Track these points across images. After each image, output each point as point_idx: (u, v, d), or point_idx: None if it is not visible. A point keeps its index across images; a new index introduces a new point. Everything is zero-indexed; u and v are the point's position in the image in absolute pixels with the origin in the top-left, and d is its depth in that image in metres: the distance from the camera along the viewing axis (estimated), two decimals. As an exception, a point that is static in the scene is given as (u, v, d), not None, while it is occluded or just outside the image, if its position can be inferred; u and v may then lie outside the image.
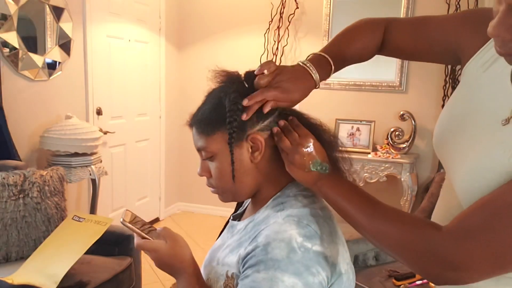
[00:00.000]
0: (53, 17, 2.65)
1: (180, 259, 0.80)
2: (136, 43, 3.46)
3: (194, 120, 0.84)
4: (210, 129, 0.80)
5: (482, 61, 0.77)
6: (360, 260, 2.14)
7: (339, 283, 0.75)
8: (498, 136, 0.69)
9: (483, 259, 0.62)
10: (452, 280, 0.65)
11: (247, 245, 0.76)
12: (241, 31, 3.82)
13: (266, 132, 0.81)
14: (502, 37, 0.60)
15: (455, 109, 0.81)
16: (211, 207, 4.05)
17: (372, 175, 3.23)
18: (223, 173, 0.81)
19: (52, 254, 1.79)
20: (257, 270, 0.70)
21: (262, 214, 0.81)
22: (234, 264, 0.78)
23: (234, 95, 0.78)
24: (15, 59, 2.42)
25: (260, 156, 0.80)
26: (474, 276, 0.64)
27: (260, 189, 0.84)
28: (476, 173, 0.69)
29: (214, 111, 0.81)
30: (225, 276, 0.79)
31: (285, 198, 0.81)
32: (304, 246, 0.71)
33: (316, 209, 0.78)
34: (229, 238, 0.87)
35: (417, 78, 3.39)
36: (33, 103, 2.59)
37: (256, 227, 0.79)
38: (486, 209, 0.64)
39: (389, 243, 0.70)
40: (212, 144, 0.81)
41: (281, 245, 0.70)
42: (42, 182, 2.03)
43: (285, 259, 0.69)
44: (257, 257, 0.71)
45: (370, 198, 0.74)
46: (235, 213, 0.96)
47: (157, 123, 3.85)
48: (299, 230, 0.72)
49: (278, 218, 0.76)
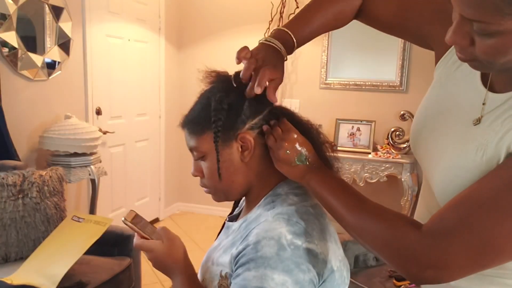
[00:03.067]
0: (53, 16, 2.65)
1: (174, 259, 0.81)
2: (135, 42, 3.45)
3: (185, 121, 0.85)
4: (200, 129, 0.81)
5: (454, 59, 0.78)
6: (360, 261, 2.13)
7: (331, 280, 0.75)
8: (471, 135, 0.70)
9: (462, 256, 0.62)
10: (431, 279, 0.65)
11: (239, 245, 0.76)
12: (241, 31, 3.82)
13: (256, 130, 0.81)
14: (459, 44, 0.62)
15: (428, 109, 0.82)
16: (211, 207, 4.04)
17: (372, 175, 3.22)
18: (213, 172, 0.82)
19: (52, 254, 1.79)
20: (248, 269, 0.71)
21: (254, 214, 0.81)
22: (227, 264, 0.78)
23: (220, 95, 0.79)
24: (14, 59, 2.41)
25: (250, 155, 0.81)
26: (454, 274, 0.64)
27: (252, 188, 0.85)
28: (451, 172, 0.70)
29: (202, 112, 0.82)
30: (219, 275, 0.80)
31: (276, 197, 0.81)
32: (294, 244, 0.71)
33: (307, 206, 0.79)
34: (224, 239, 0.88)
35: (417, 77, 3.38)
36: (33, 103, 2.58)
37: (248, 226, 0.79)
38: (462, 206, 0.64)
39: (370, 239, 0.70)
40: (202, 144, 0.81)
41: (270, 242, 0.71)
42: (41, 182, 2.02)
43: (275, 256, 0.70)
44: (247, 256, 0.72)
45: (356, 194, 0.74)
46: (231, 214, 0.97)
47: (157, 123, 3.84)
48: (289, 227, 0.73)
49: (268, 217, 0.76)
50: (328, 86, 3.61)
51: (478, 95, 0.72)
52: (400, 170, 3.18)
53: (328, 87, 3.60)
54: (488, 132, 0.67)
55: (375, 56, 3.50)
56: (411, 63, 3.38)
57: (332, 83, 3.60)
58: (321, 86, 3.64)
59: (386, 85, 3.45)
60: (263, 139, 0.82)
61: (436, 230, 0.64)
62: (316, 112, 3.49)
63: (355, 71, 3.55)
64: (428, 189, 0.80)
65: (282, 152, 0.79)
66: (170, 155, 4.03)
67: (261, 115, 0.81)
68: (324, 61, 3.59)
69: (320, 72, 3.62)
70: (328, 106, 3.57)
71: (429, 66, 0.91)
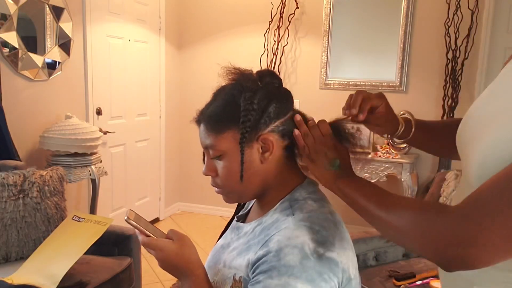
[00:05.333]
0: (53, 17, 2.65)
1: (187, 260, 0.78)
2: (136, 43, 3.46)
3: (203, 117, 0.81)
4: (221, 127, 0.78)
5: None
6: (360, 260, 2.14)
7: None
8: None
9: (496, 234, 0.56)
10: (463, 260, 0.59)
11: (258, 250, 0.75)
12: (241, 31, 3.82)
13: (277, 133, 0.79)
14: None
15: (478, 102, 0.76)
16: (211, 207, 4.05)
17: (372, 175, 3.23)
18: (231, 173, 0.79)
19: (52, 254, 1.79)
20: (270, 276, 0.69)
21: (271, 218, 0.79)
22: (242, 268, 0.77)
23: (249, 94, 0.77)
24: (14, 59, 2.42)
25: (270, 157, 0.79)
26: (487, 254, 0.57)
27: (268, 191, 0.83)
28: (496, 145, 0.63)
29: (226, 109, 0.78)
30: (232, 279, 0.78)
31: (294, 202, 0.79)
32: (317, 252, 0.70)
33: (326, 213, 0.77)
34: (235, 240, 0.85)
35: (417, 78, 3.39)
36: (33, 103, 2.59)
37: (266, 231, 0.77)
38: (498, 183, 0.58)
39: (403, 229, 0.66)
40: (221, 142, 0.78)
41: (294, 251, 0.70)
42: (42, 182, 2.03)
43: (298, 265, 0.69)
44: (269, 263, 0.70)
45: (384, 191, 0.73)
46: (237, 213, 0.95)
47: (157, 123, 3.85)
48: (311, 235, 0.72)
49: (289, 223, 0.74)
50: (328, 86, 3.61)
51: None
52: (400, 170, 3.19)
53: (328, 87, 3.61)
54: None
55: (375, 57, 3.50)
56: (410, 64, 3.38)
57: (332, 83, 3.60)
58: (321, 86, 3.64)
59: (386, 85, 3.46)
60: (284, 142, 0.80)
61: (468, 206, 0.59)
62: (316, 112, 3.48)
63: (355, 71, 3.56)
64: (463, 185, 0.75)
65: (319, 156, 0.77)
66: (170, 155, 4.03)
67: (284, 118, 0.80)
68: (324, 61, 3.60)
69: (320, 72, 3.63)
70: (328, 106, 3.57)
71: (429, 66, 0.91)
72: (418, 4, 3.32)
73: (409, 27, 3.34)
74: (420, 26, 3.34)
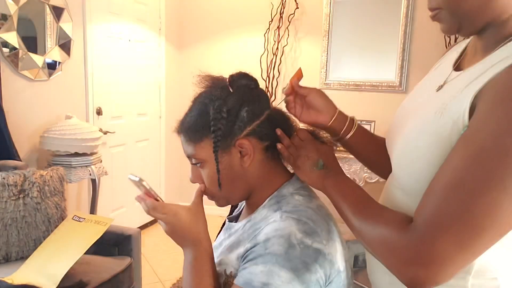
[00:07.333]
0: (53, 17, 2.65)
1: (199, 230, 0.79)
2: (136, 43, 3.46)
3: (181, 128, 0.83)
4: (198, 136, 0.80)
5: (436, 65, 0.84)
6: (360, 260, 2.14)
7: (337, 281, 0.74)
8: (432, 100, 0.71)
9: (450, 248, 0.57)
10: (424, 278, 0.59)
11: (247, 243, 0.76)
12: (241, 31, 3.82)
13: (254, 136, 0.80)
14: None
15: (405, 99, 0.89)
16: (211, 207, 4.03)
17: (372, 175, 3.22)
18: (213, 180, 0.81)
19: (52, 254, 1.79)
20: (255, 263, 0.71)
21: (260, 214, 0.81)
22: (233, 263, 0.78)
23: (218, 103, 0.78)
24: (15, 59, 2.42)
25: (250, 160, 0.80)
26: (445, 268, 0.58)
27: (254, 191, 0.84)
28: (411, 136, 0.70)
29: (199, 119, 0.80)
30: (224, 274, 0.79)
31: (281, 197, 0.81)
32: (304, 243, 0.71)
33: (313, 207, 0.78)
34: (227, 239, 0.87)
35: (417, 78, 3.38)
36: (33, 103, 2.59)
37: (255, 226, 0.79)
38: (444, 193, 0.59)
39: (367, 242, 0.69)
40: (200, 151, 0.80)
41: (280, 240, 0.70)
42: (42, 182, 2.03)
43: (284, 254, 0.69)
44: (256, 252, 0.72)
45: (363, 199, 0.74)
46: (230, 215, 0.97)
47: (157, 123, 3.85)
48: (299, 226, 0.72)
49: (276, 217, 0.75)
50: (328, 86, 3.61)
51: (446, 74, 0.75)
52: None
53: (328, 87, 3.61)
54: (449, 91, 0.68)
55: (375, 56, 3.50)
56: (410, 63, 3.39)
57: (332, 83, 3.60)
58: (321, 86, 3.64)
59: (386, 85, 3.46)
60: (263, 143, 0.81)
61: (423, 224, 0.60)
62: (316, 112, 3.49)
63: (355, 71, 3.56)
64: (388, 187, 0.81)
65: (302, 159, 0.80)
66: (170, 155, 4.04)
67: (259, 120, 0.80)
68: (324, 61, 3.60)
69: (320, 72, 3.63)
70: (328, 106, 3.57)
71: (429, 66, 0.92)
72: (418, 4, 3.32)
73: (409, 27, 3.35)
74: (420, 26, 3.34)
